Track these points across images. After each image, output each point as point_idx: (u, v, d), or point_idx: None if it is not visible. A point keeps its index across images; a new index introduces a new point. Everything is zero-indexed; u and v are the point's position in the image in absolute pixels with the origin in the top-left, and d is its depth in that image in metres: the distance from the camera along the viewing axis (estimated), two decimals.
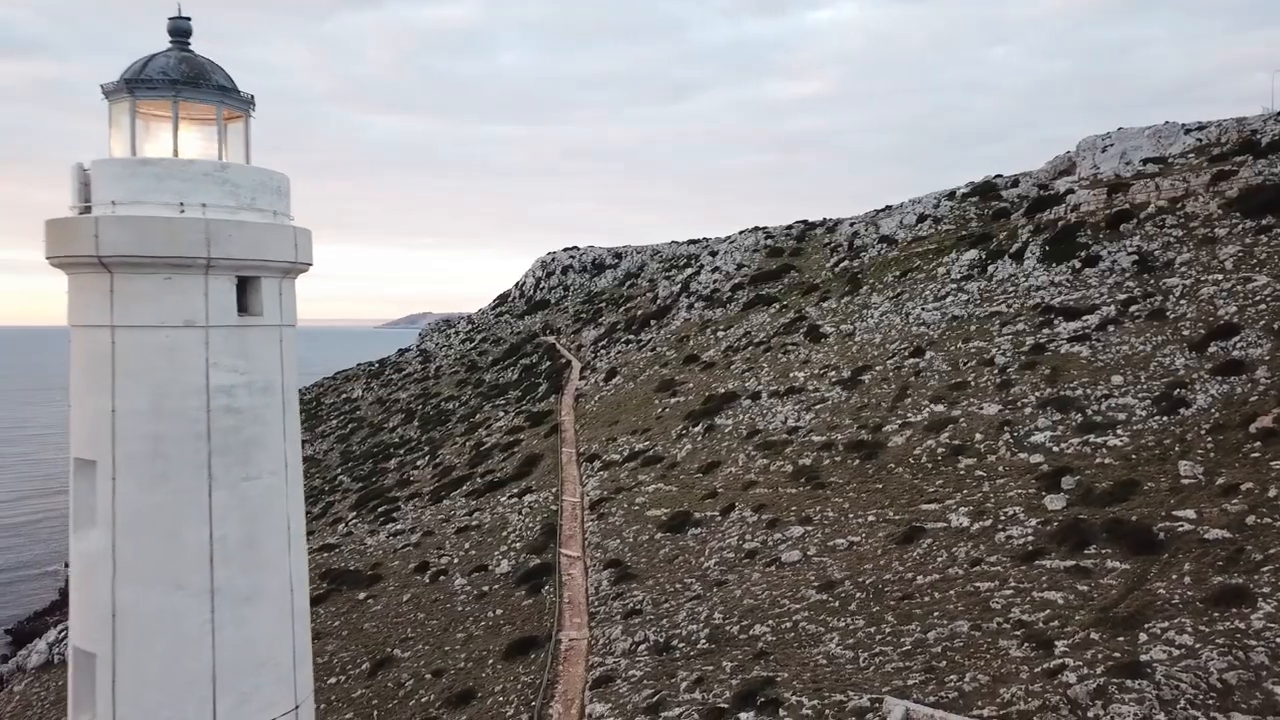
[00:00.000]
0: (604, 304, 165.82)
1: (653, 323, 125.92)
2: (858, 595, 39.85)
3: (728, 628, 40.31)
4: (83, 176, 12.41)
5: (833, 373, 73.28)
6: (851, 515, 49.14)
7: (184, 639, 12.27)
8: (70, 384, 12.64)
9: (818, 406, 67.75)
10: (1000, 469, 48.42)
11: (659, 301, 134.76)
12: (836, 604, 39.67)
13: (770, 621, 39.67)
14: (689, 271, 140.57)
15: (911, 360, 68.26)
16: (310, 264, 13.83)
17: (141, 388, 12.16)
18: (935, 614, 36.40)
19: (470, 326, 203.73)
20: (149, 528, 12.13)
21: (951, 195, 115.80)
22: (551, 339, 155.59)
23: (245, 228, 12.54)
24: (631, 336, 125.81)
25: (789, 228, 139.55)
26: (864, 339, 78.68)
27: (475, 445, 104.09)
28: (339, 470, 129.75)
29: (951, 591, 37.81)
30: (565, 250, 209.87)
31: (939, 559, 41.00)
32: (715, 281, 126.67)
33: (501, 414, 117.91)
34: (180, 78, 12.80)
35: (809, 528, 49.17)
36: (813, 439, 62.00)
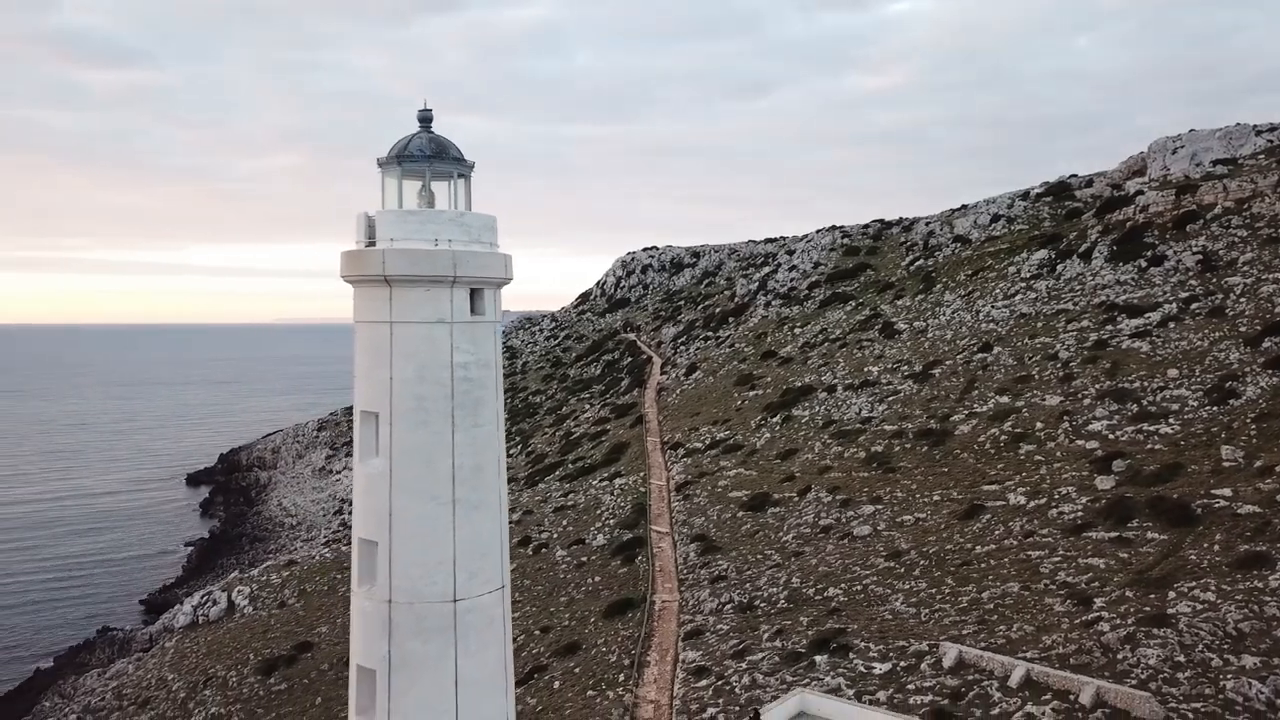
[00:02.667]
0: (683, 302, 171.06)
1: (731, 320, 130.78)
2: (921, 563, 44.59)
3: (804, 590, 45.39)
4: (369, 222, 18.19)
5: (905, 367, 77.48)
6: (918, 495, 53.72)
7: (435, 532, 17.89)
8: (355, 361, 18.40)
9: (890, 398, 72.12)
10: (1058, 454, 52.47)
11: (737, 299, 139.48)
12: (902, 570, 44.48)
13: (842, 585, 44.64)
14: (766, 270, 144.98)
15: (980, 355, 72.17)
16: (512, 279, 19.41)
17: (410, 363, 17.78)
18: (990, 577, 41.02)
19: (554, 324, 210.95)
20: (413, 457, 17.78)
21: (1025, 195, 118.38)
22: (632, 336, 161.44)
23: (476, 255, 18.09)
24: (710, 333, 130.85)
25: (865, 227, 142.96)
26: (935, 335, 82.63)
27: (565, 435, 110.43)
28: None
29: (1006, 559, 42.34)
30: (645, 250, 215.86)
31: (996, 532, 45.48)
32: (792, 280, 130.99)
33: (587, 406, 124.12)
34: (431, 153, 18.45)
35: (879, 506, 53.91)
36: (884, 428, 66.49)
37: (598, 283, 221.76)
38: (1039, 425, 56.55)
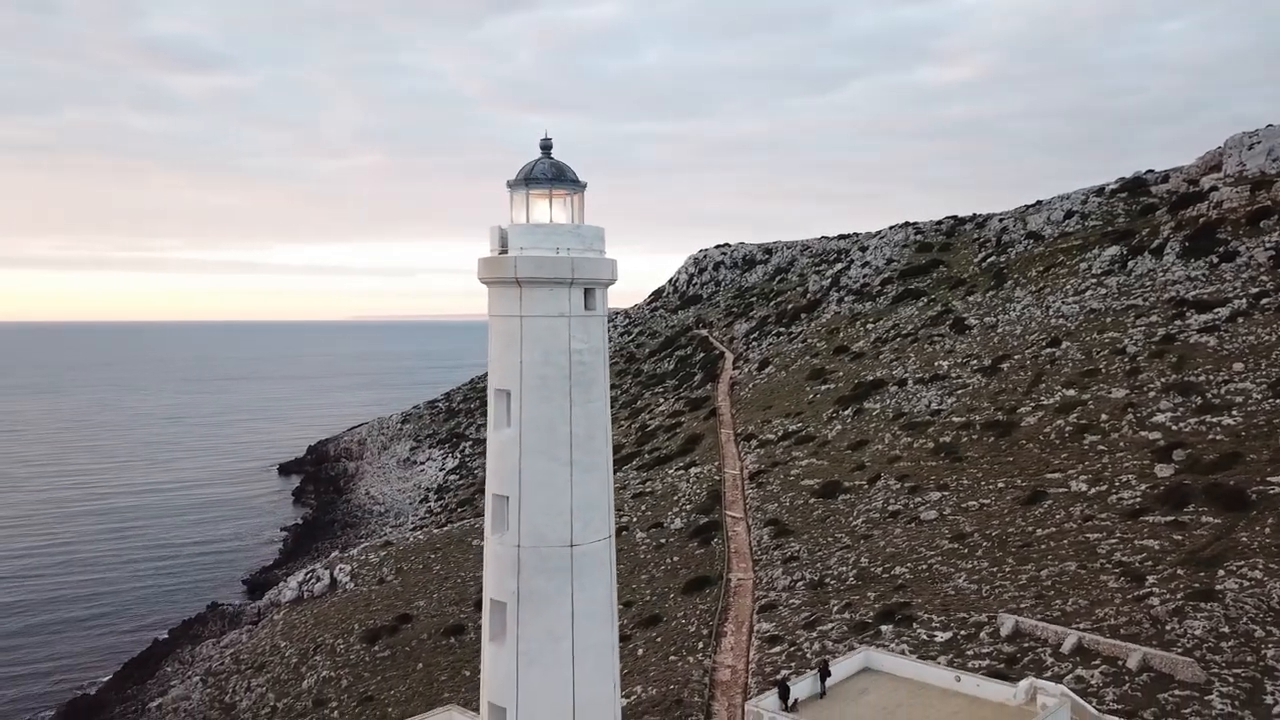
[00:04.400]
0: (755, 298, 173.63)
1: (803, 316, 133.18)
2: (984, 544, 47.16)
3: (872, 569, 48.30)
4: (501, 233, 21.94)
5: (974, 361, 79.40)
6: (984, 483, 56.10)
7: (556, 488, 21.54)
8: (490, 348, 22.21)
9: (959, 391, 74.24)
10: (1121, 444, 54.36)
11: (809, 295, 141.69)
12: (965, 550, 47.11)
13: (908, 564, 47.45)
14: (839, 266, 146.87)
15: (1048, 350, 73.84)
16: (617, 279, 22.99)
17: (536, 349, 21.46)
18: (1049, 557, 43.49)
19: (627, 321, 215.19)
20: (538, 426, 21.44)
21: (1100, 191, 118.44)
22: (704, 332, 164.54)
23: (589, 261, 21.70)
24: (782, 329, 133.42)
25: (939, 223, 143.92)
26: (1005, 330, 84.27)
27: (640, 427, 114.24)
28: None
29: (1065, 541, 44.73)
30: (717, 247, 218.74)
31: (1057, 516, 47.80)
32: (865, 276, 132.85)
33: (661, 400, 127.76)
34: (553, 176, 22.10)
35: (945, 493, 56.43)
36: (953, 420, 68.72)
37: (670, 280, 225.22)
38: (1104, 417, 58.38)
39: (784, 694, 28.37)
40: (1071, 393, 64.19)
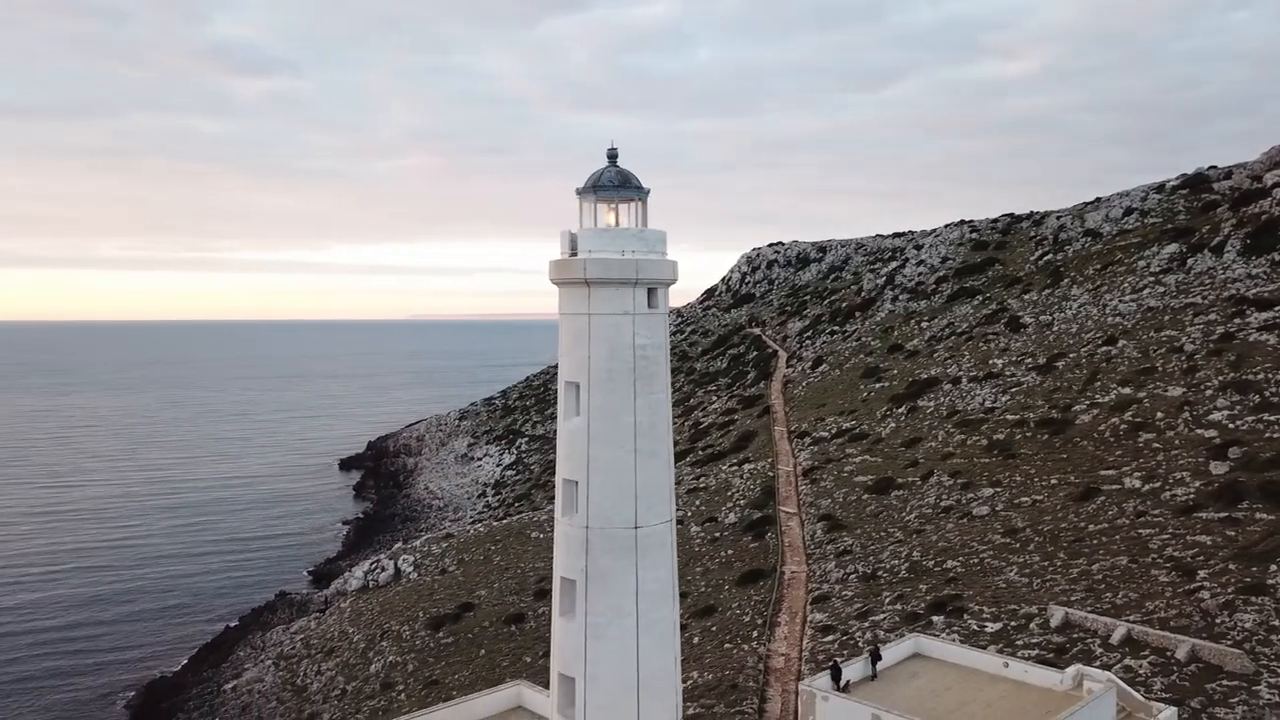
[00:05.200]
0: (808, 297, 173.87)
1: (857, 314, 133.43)
2: (1036, 539, 47.78)
3: (924, 563, 49.17)
4: (571, 237, 23.56)
5: (1029, 359, 79.46)
6: (1037, 479, 56.55)
7: (621, 474, 23.07)
8: (560, 343, 23.84)
9: (1013, 389, 74.44)
10: (1176, 442, 54.47)
11: (863, 294, 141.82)
12: (1017, 545, 47.78)
13: (960, 558, 48.25)
14: (893, 265, 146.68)
15: (1104, 348, 73.71)
16: (677, 279, 24.48)
17: (603, 345, 23.03)
18: (1100, 552, 44.05)
19: (679, 319, 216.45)
20: (605, 416, 23.00)
21: (1161, 188, 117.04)
22: (757, 331, 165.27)
23: (652, 262, 23.21)
24: (836, 328, 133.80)
25: (994, 221, 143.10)
26: (1061, 329, 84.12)
27: (694, 424, 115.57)
28: None
29: (1117, 536, 45.21)
30: (770, 245, 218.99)
31: (1109, 512, 48.23)
32: (919, 275, 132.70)
33: (715, 398, 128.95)
34: (618, 183, 23.65)
35: (998, 489, 56.99)
36: (1007, 417, 69.04)
37: (723, 278, 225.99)
38: (1159, 415, 58.43)
39: (836, 675, 29.63)
40: (1127, 391, 64.21)
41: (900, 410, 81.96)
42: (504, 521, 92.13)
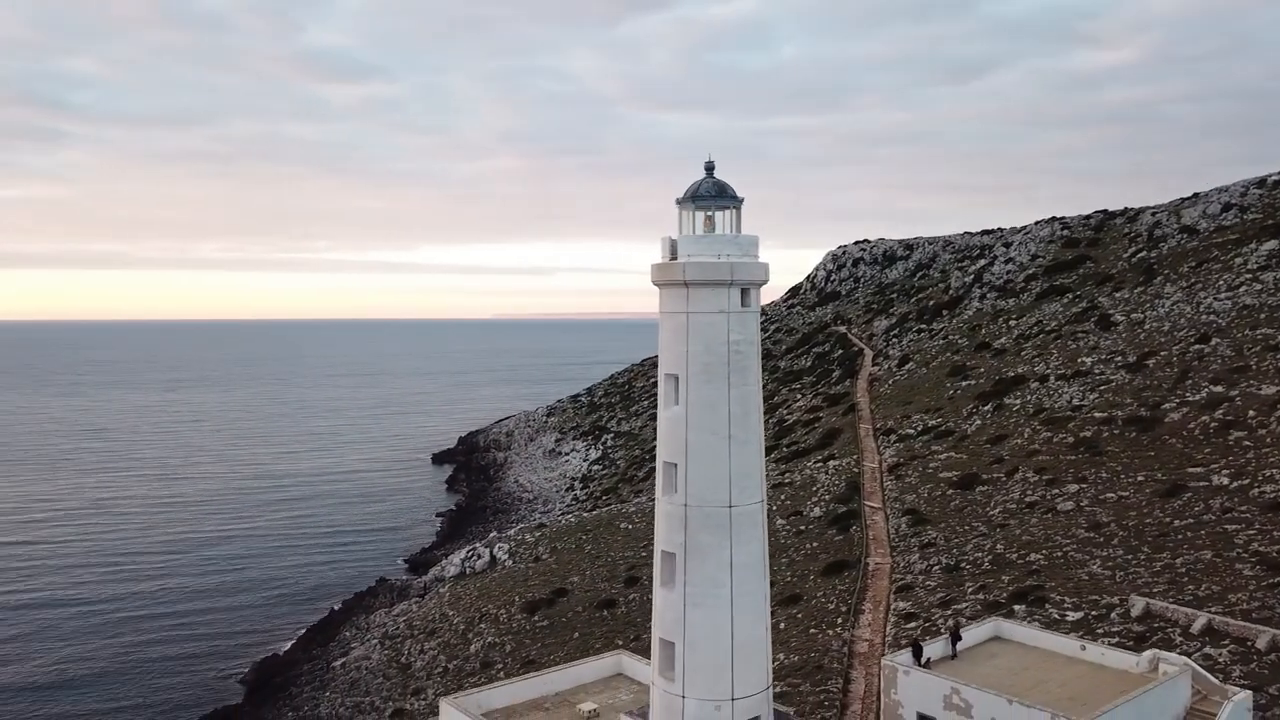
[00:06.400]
0: (895, 295, 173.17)
1: (944, 312, 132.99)
2: (1120, 534, 48.42)
3: (1008, 555, 50.19)
4: (672, 243, 25.90)
5: (1119, 358, 79.08)
6: (1123, 476, 56.89)
7: (717, 459, 25.29)
8: (660, 339, 26.20)
9: (1102, 387, 74.31)
10: (1267, 440, 54.29)
11: (951, 292, 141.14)
12: (1101, 540, 48.47)
13: (1043, 551, 49.16)
14: (982, 263, 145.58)
15: (1197, 346, 73.12)
16: (768, 280, 26.59)
17: (700, 340, 25.31)
18: (1185, 547, 44.59)
19: (763, 318, 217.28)
20: (702, 405, 25.25)
21: (1262, 183, 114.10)
22: (843, 329, 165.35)
23: (746, 265, 25.39)
24: (923, 326, 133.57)
25: (1087, 218, 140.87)
26: (1152, 327, 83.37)
27: (777, 422, 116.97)
28: (654, 443, 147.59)
29: (1202, 531, 45.66)
30: (856, 243, 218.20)
31: (1196, 509, 48.57)
32: (1009, 272, 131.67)
33: (799, 396, 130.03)
34: (715, 194, 25.92)
35: (1083, 485, 57.48)
36: (1094, 415, 69.12)
37: (807, 276, 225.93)
38: (1251, 413, 58.18)
39: (917, 653, 31.33)
40: (1219, 389, 63.85)
41: (986, 408, 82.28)
42: (594, 513, 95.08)
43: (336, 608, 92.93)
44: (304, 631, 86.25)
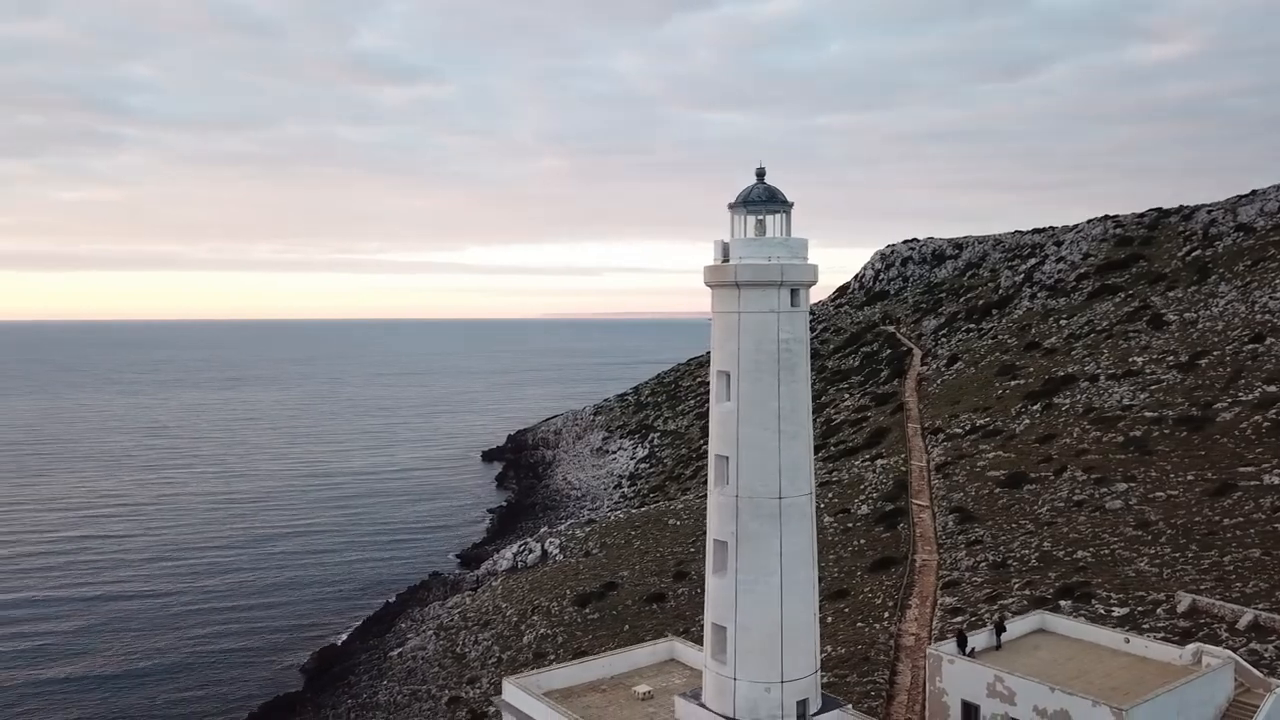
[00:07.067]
0: (944, 294, 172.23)
1: (994, 312, 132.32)
2: (1168, 532, 48.66)
3: (1054, 553, 50.62)
4: (724, 246, 27.15)
5: (1170, 357, 78.64)
6: (1172, 475, 56.93)
7: (766, 452, 26.50)
8: (712, 337, 27.51)
9: (1152, 387, 74.03)
10: None
11: (1000, 291, 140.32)
12: (1149, 538, 48.74)
13: (1090, 549, 49.54)
14: (1032, 262, 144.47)
15: (1250, 346, 72.56)
16: (816, 281, 27.69)
17: (751, 339, 26.55)
18: (1233, 545, 44.79)
19: (811, 317, 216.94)
20: (753, 401, 26.48)
21: None
22: (891, 328, 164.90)
23: (795, 266, 26.58)
24: (972, 325, 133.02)
25: (1140, 216, 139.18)
26: (1205, 326, 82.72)
27: (825, 421, 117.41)
28: (700, 442, 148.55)
29: (1251, 530, 45.79)
30: (904, 242, 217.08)
31: (1246, 508, 48.65)
32: (1059, 272, 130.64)
33: (847, 396, 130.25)
34: (766, 199, 27.15)
35: (1132, 484, 57.60)
36: (1144, 415, 68.97)
37: (855, 276, 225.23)
38: None
39: (962, 643, 32.20)
40: (1273, 389, 63.49)
41: (1035, 407, 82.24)
42: (643, 509, 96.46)
43: (391, 600, 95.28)
44: (360, 623, 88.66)
